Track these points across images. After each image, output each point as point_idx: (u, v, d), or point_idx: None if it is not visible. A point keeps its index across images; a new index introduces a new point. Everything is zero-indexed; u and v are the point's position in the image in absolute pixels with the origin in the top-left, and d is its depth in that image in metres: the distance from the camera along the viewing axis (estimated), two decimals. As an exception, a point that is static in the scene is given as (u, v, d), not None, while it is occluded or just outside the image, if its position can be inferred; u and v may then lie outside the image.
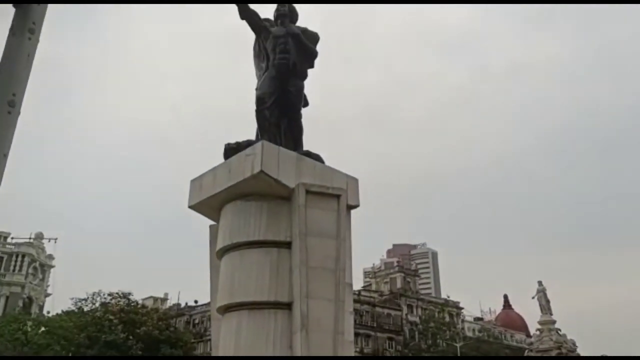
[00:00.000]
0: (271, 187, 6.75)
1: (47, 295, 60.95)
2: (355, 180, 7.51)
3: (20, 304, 54.51)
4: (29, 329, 41.62)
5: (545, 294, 34.61)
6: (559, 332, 33.91)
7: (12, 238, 58.32)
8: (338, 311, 6.37)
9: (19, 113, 2.33)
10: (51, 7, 2.44)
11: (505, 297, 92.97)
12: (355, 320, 7.53)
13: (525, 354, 35.91)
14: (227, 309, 6.80)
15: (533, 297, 35.07)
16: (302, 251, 6.45)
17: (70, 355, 34.05)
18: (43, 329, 41.54)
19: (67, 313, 44.24)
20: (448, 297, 79.73)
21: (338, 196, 6.97)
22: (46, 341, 37.96)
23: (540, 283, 35.35)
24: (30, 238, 58.32)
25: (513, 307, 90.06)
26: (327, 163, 7.52)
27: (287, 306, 6.41)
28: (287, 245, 6.70)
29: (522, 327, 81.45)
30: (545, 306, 34.37)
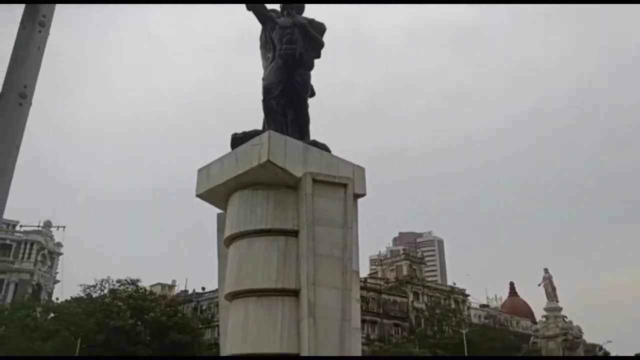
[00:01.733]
0: (278, 176, 6.79)
1: (56, 282, 61.71)
2: (362, 169, 7.53)
3: (30, 290, 55.21)
4: (38, 315, 42.23)
5: (551, 281, 34.63)
6: (565, 319, 33.99)
7: (21, 226, 58.95)
8: (345, 298, 6.42)
9: (30, 105, 2.36)
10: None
11: (512, 284, 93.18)
12: (361, 307, 7.60)
13: (531, 340, 36.03)
14: (234, 295, 6.87)
15: (539, 285, 35.10)
16: (309, 239, 6.49)
17: (79, 340, 34.49)
18: (52, 315, 42.16)
19: (76, 299, 44.74)
20: (454, 284, 79.99)
21: (345, 185, 7.00)
22: (55, 327, 38.48)
23: (546, 270, 35.36)
24: (38, 226, 58.90)
25: (519, 294, 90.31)
26: (333, 153, 7.54)
27: (294, 293, 6.47)
28: (294, 233, 6.75)
29: (528, 313, 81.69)
30: (551, 293, 34.42)
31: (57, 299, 54.54)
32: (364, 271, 71.50)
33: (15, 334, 36.90)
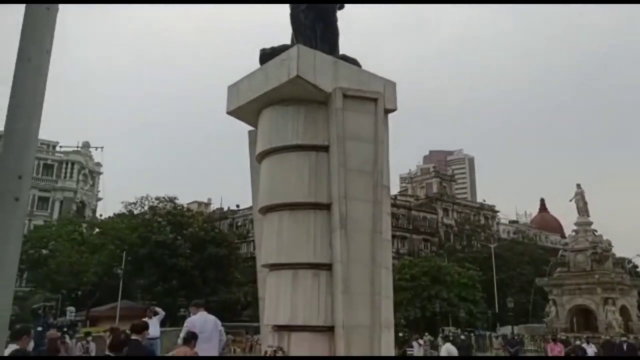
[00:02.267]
0: (308, 92, 6.77)
1: (99, 199, 64.59)
2: (393, 84, 7.42)
3: (74, 207, 58.11)
4: (84, 230, 44.76)
5: (583, 196, 34.37)
6: (595, 232, 34.07)
7: (61, 147, 60.96)
8: (376, 211, 6.59)
9: (57, 9, 2.29)
10: None
11: (542, 200, 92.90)
12: (391, 223, 7.81)
13: (560, 254, 36.45)
14: (268, 209, 7.13)
15: (571, 200, 34.89)
16: (340, 154, 6.58)
17: (124, 252, 36.65)
18: (97, 230, 44.60)
19: (119, 216, 46.98)
20: (484, 201, 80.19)
21: (375, 100, 6.95)
22: (101, 241, 40.83)
23: (579, 186, 35.01)
24: (77, 147, 60.82)
25: (550, 211, 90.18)
26: (363, 68, 7.41)
27: (326, 207, 6.67)
28: (325, 148, 6.83)
29: (558, 229, 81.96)
30: (582, 208, 34.27)
31: (101, 215, 57.36)
32: (394, 189, 72.10)
33: (64, 248, 39.39)
